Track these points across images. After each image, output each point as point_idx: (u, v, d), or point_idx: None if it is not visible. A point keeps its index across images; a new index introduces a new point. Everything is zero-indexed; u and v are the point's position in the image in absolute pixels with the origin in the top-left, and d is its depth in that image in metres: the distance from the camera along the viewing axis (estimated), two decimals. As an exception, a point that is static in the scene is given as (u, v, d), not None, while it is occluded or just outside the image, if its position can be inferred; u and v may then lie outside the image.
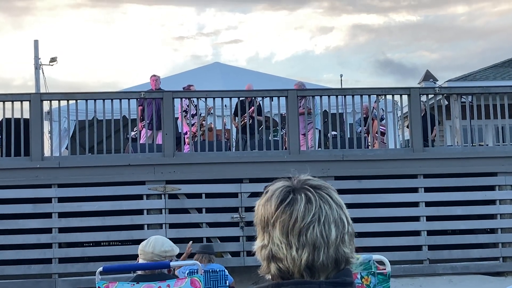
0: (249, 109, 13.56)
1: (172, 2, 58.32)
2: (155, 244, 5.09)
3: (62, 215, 12.10)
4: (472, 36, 59.45)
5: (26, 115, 12.39)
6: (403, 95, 13.56)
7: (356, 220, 1.87)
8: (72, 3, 51.62)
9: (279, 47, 64.57)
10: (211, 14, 59.51)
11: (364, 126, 13.75)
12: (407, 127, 13.82)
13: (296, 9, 58.00)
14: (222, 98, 12.88)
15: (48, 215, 12.07)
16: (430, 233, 12.59)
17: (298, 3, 57.35)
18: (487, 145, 13.55)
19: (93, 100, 12.61)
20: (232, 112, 13.94)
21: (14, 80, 55.09)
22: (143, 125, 13.55)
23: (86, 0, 51.89)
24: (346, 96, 13.12)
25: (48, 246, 12.04)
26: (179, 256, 6.32)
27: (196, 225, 12.40)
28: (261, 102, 13.48)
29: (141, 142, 13.39)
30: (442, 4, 56.07)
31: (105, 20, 55.51)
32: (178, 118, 13.79)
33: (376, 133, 13.81)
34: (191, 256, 8.47)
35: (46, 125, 14.21)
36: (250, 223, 11.48)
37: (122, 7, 54.78)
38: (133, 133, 14.19)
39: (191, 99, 13.67)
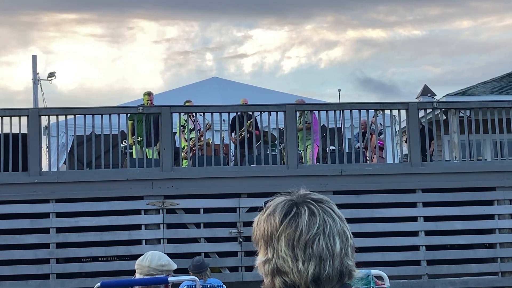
0: (246, 123, 13.54)
1: (178, 17, 58.46)
2: (151, 258, 5.07)
3: (59, 230, 12.06)
4: (476, 51, 59.64)
5: (24, 130, 12.37)
6: (401, 110, 13.58)
7: (354, 234, 1.88)
8: (78, 18, 51.76)
9: (284, 62, 64.68)
10: (216, 29, 59.63)
11: (362, 141, 13.73)
12: (405, 141, 13.81)
13: (301, 24, 58.16)
14: (220, 113, 12.87)
15: (45, 230, 12.03)
16: (429, 248, 12.55)
17: (303, 17, 57.51)
18: (486, 159, 13.52)
19: (91, 115, 12.61)
20: (229, 127, 13.92)
21: (18, 94, 55.16)
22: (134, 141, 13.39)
23: (92, 15, 52.02)
24: (345, 110, 13.13)
25: (46, 261, 11.99)
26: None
27: (194, 240, 12.36)
28: (257, 117, 13.47)
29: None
30: (447, 18, 56.19)
31: (111, 35, 55.65)
32: (176, 132, 13.76)
33: (375, 147, 13.80)
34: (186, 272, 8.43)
35: (44, 140, 14.17)
36: (248, 238, 11.44)
37: (128, 22, 54.94)
38: (122, 145, 13.94)
39: (190, 114, 13.67)
